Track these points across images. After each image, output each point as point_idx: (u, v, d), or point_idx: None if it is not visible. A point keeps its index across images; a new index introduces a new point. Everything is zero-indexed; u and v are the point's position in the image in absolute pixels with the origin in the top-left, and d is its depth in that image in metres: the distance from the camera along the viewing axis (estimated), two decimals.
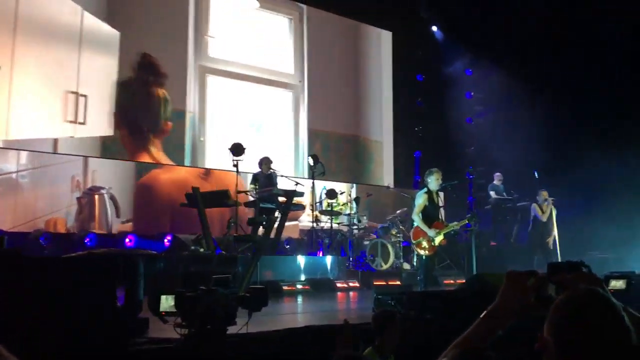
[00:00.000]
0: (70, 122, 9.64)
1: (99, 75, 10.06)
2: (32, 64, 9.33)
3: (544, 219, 9.89)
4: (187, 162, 10.98)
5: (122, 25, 10.36)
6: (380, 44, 14.37)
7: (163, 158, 10.66)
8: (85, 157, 9.82)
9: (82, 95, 9.76)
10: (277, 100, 12.46)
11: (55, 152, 9.53)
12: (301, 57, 12.86)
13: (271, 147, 11.24)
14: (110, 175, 10.08)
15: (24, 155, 9.27)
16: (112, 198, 9.94)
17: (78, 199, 9.67)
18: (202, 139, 11.18)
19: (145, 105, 10.56)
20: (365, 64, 14.04)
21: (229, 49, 11.79)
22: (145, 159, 10.49)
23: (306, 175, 11.59)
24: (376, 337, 3.51)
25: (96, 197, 9.85)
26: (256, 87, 12.07)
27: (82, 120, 9.75)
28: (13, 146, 9.15)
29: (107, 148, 10.10)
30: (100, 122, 10.00)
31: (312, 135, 12.67)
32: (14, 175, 9.17)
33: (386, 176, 13.75)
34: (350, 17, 13.67)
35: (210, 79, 11.49)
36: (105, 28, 10.17)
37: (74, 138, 9.69)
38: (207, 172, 10.98)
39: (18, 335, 2.93)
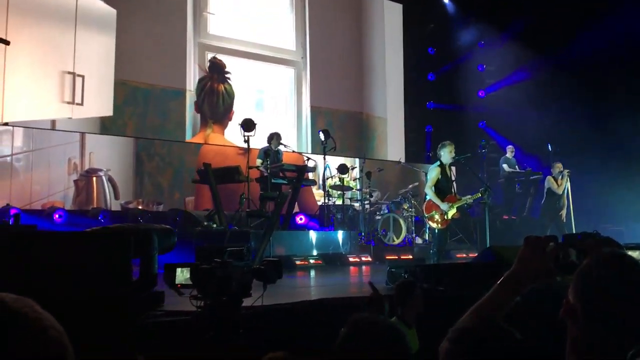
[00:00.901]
0: (68, 102, 9.56)
1: (97, 54, 9.94)
2: (27, 44, 9.21)
3: (560, 191, 9.81)
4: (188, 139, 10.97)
5: (119, 3, 10.21)
6: (385, 17, 14.08)
7: (218, 139, 10.93)
8: (82, 133, 9.74)
9: (79, 76, 9.67)
10: (278, 77, 12.34)
11: (53, 129, 9.47)
12: (303, 33, 12.68)
13: (273, 125, 11.19)
14: (108, 157, 10.01)
15: (19, 138, 9.21)
16: (110, 180, 9.87)
17: (75, 181, 9.60)
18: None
19: (209, 98, 11.08)
20: (370, 38, 13.83)
21: (229, 25, 11.63)
22: (199, 140, 10.75)
23: (310, 152, 11.57)
24: (399, 307, 3.54)
25: (94, 179, 9.78)
26: (257, 64, 11.94)
27: (79, 101, 9.67)
28: (8, 129, 9.08)
29: (106, 129, 10.04)
30: (99, 103, 9.91)
31: (315, 112, 12.58)
32: (8, 159, 9.12)
33: (390, 152, 13.61)
34: None
35: (210, 57, 11.37)
36: (101, 6, 10.02)
37: (71, 119, 9.61)
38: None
39: None
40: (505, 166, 12.02)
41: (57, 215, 8.54)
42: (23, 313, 0.84)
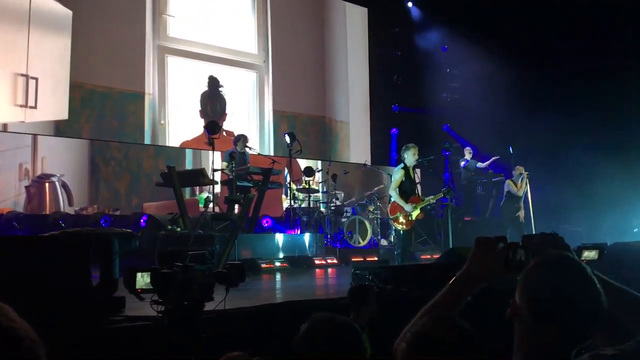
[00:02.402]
0: (20, 106, 9.24)
1: (51, 56, 9.64)
2: None
3: (520, 194, 10.00)
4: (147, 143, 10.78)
5: (75, 4, 9.95)
6: (349, 21, 14.13)
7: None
8: (34, 137, 9.41)
9: (32, 78, 9.37)
10: (240, 81, 12.24)
11: (4, 131, 9.15)
12: (265, 37, 12.61)
13: (235, 129, 11.13)
14: (61, 162, 9.72)
15: None
16: (63, 186, 9.55)
17: (27, 187, 9.27)
18: (162, 122, 10.91)
19: (212, 103, 11.46)
20: (334, 42, 13.85)
21: (189, 28, 11.46)
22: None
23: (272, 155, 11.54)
24: (352, 310, 3.54)
25: (47, 185, 9.44)
26: (218, 68, 11.81)
27: (33, 104, 9.36)
28: None
29: (61, 133, 9.75)
30: (53, 106, 9.61)
31: (278, 116, 12.54)
32: None
33: (354, 156, 13.65)
34: None
35: (170, 60, 11.19)
36: (56, 7, 9.73)
37: (24, 123, 9.30)
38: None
39: None
40: (463, 167, 12.22)
41: (15, 222, 8.31)
42: None
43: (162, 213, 9.05)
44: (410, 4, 14.51)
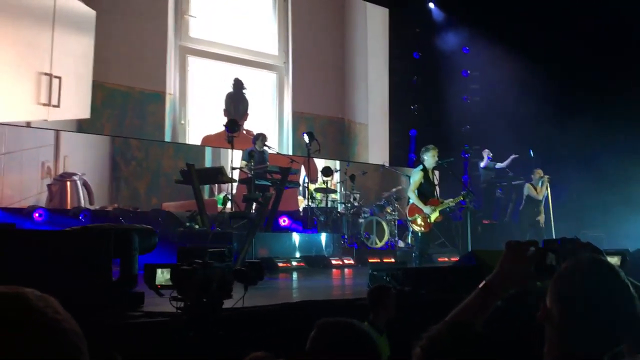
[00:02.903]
0: (44, 104, 9.33)
1: (74, 55, 9.75)
2: (1, 45, 9.01)
3: (539, 197, 9.88)
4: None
5: (98, 4, 10.04)
6: (369, 22, 14.07)
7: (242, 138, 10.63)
8: (57, 135, 9.51)
9: (56, 77, 9.45)
10: (260, 82, 12.25)
11: (29, 126, 9.27)
12: (285, 38, 12.60)
13: (254, 129, 11.17)
14: (83, 161, 9.80)
15: None
16: (85, 184, 9.62)
17: (49, 186, 9.35)
18: (182, 122, 10.97)
19: (235, 104, 11.57)
20: (354, 43, 13.80)
21: (210, 29, 11.50)
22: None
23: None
24: (370, 311, 3.53)
25: (68, 183, 9.51)
26: (239, 69, 11.84)
27: (56, 103, 9.45)
28: None
29: (83, 131, 9.85)
30: (76, 105, 9.71)
31: (297, 117, 12.54)
32: None
33: (372, 158, 13.59)
34: None
35: (191, 60, 11.24)
36: (80, 7, 9.84)
37: (47, 121, 9.39)
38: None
39: None
40: (482, 168, 12.12)
41: (37, 214, 8.42)
42: (43, 312, 0.81)
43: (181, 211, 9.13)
44: (431, 5, 14.43)
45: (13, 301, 0.81)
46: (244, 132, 10.79)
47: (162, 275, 3.04)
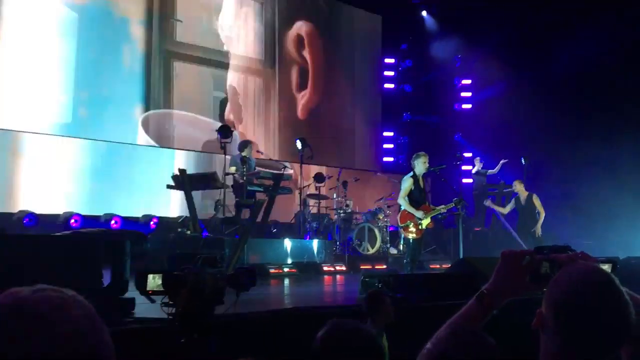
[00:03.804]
0: None
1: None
2: None
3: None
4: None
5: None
6: (359, 26, 14.04)
7: None
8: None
9: None
10: (246, 87, 12.20)
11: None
12: (272, 43, 12.59)
13: (241, 134, 11.16)
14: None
15: None
16: None
17: None
18: (166, 126, 10.96)
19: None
20: (344, 48, 13.78)
21: (196, 32, 11.45)
22: None
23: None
24: (367, 317, 3.55)
25: None
26: (224, 73, 11.82)
27: None
28: None
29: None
30: None
31: (283, 122, 12.51)
32: None
33: (364, 164, 13.58)
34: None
35: (177, 64, 11.17)
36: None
37: None
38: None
39: None
40: (474, 174, 12.16)
41: (27, 219, 8.37)
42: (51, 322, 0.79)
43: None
44: (424, 13, 14.51)
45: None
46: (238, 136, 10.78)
47: (154, 281, 3.01)
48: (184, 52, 11.28)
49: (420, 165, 7.23)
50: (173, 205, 10.27)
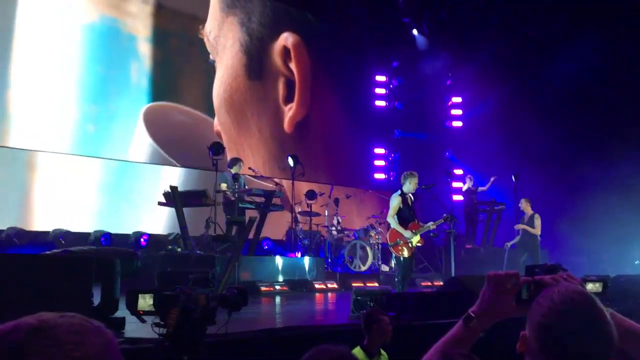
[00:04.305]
0: None
1: None
2: None
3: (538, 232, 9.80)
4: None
5: None
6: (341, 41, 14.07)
7: None
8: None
9: None
10: (232, 98, 12.07)
11: None
12: (258, 54, 12.44)
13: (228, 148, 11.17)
14: None
15: None
16: None
17: None
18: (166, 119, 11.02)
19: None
20: (331, 63, 13.68)
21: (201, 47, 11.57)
22: None
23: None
24: (365, 335, 3.54)
25: None
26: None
27: None
28: None
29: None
30: None
31: (269, 136, 12.41)
32: None
33: (355, 181, 13.55)
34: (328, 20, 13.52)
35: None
36: None
37: None
38: None
39: None
40: (465, 190, 12.18)
41: (16, 238, 8.27)
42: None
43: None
44: (415, 32, 14.64)
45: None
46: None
47: (144, 301, 2.99)
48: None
49: (410, 184, 7.25)
50: (163, 221, 10.22)
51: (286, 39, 12.80)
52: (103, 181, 10.18)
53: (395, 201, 7.26)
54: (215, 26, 11.84)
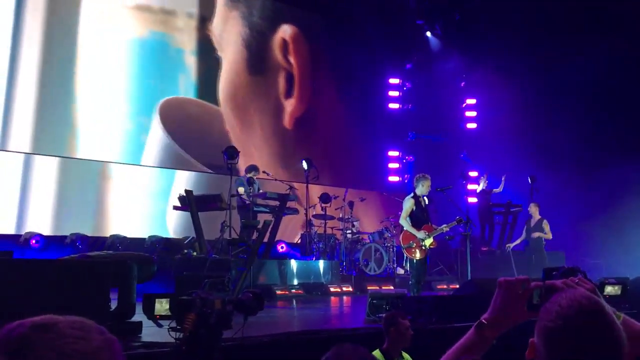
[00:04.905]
0: None
1: None
2: None
3: (550, 237, 9.89)
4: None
5: None
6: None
7: None
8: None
9: None
10: (236, 95, 12.12)
11: None
12: (259, 48, 12.46)
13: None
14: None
15: None
16: None
17: None
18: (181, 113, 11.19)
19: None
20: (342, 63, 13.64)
21: None
22: None
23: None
24: (385, 338, 3.54)
25: None
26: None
27: None
28: None
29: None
30: None
31: (271, 132, 12.42)
32: None
33: (370, 184, 13.54)
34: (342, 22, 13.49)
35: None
36: None
37: None
38: None
39: None
40: (480, 192, 12.09)
41: (33, 241, 8.38)
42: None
43: None
44: (428, 34, 14.60)
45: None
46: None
47: (161, 306, 3.01)
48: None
49: (423, 187, 7.22)
50: (178, 226, 10.30)
51: (285, 31, 12.69)
52: (117, 186, 10.30)
53: (408, 204, 7.23)
54: (220, 22, 11.88)
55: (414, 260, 7.17)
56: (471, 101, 14.62)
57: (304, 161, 9.77)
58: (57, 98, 9.69)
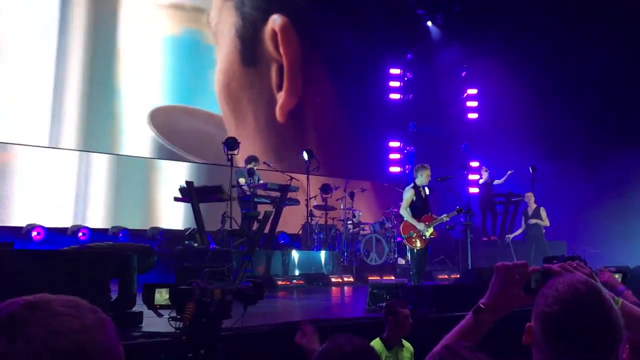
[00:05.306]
0: None
1: None
2: None
3: (547, 223, 10.07)
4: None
5: None
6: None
7: None
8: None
9: None
10: (229, 86, 12.12)
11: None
12: (250, 38, 12.38)
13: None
14: None
15: None
16: None
17: None
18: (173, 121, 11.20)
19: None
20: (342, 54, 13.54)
21: None
22: None
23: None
24: (385, 327, 3.56)
25: None
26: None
27: None
28: None
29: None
30: None
31: (264, 124, 12.38)
32: None
33: (371, 175, 13.49)
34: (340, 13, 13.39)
35: None
36: None
37: None
38: None
39: None
40: (482, 183, 12.10)
41: (35, 233, 8.39)
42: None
43: None
44: (429, 23, 14.53)
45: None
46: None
47: (161, 296, 3.01)
48: None
49: (422, 177, 7.23)
50: (179, 217, 10.31)
51: (274, 21, 12.48)
52: (122, 178, 10.32)
53: (408, 194, 7.25)
54: (217, 13, 11.80)
55: (415, 250, 7.20)
56: (472, 91, 14.56)
57: (304, 152, 9.75)
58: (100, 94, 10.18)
